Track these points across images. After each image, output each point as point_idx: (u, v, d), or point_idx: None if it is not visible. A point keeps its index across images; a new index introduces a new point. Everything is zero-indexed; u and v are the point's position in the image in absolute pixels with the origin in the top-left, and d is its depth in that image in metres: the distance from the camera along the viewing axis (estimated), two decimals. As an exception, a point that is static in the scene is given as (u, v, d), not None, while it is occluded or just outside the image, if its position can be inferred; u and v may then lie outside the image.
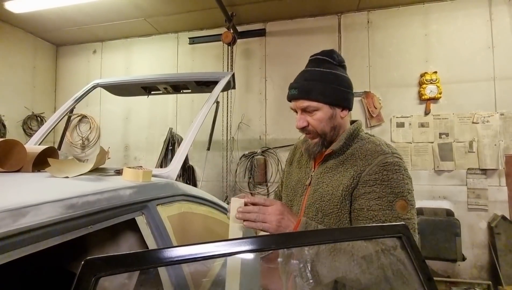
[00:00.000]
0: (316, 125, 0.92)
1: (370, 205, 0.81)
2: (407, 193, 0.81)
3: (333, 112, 0.92)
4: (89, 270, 0.34)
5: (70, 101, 1.74)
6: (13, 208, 0.47)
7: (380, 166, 0.83)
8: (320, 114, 0.91)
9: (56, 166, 0.89)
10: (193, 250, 0.36)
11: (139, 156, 3.91)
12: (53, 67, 4.31)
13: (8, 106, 3.63)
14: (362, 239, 0.52)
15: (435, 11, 3.11)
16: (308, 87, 0.91)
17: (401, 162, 0.85)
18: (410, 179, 0.85)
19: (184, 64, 3.82)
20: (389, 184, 0.81)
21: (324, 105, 0.90)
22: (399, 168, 0.83)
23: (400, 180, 0.81)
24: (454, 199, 2.93)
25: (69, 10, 3.27)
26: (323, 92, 0.89)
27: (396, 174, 0.82)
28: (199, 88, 1.93)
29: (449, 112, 3.00)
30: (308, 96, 0.90)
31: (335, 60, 0.94)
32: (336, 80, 0.91)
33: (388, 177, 0.81)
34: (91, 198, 0.65)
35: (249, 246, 0.40)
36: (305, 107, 0.91)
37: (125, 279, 0.84)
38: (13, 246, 0.46)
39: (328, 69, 0.92)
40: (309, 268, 0.73)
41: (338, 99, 0.91)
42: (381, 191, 0.81)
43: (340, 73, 0.93)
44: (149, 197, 0.87)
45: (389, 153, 0.86)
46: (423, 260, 0.48)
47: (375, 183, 0.82)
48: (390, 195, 0.80)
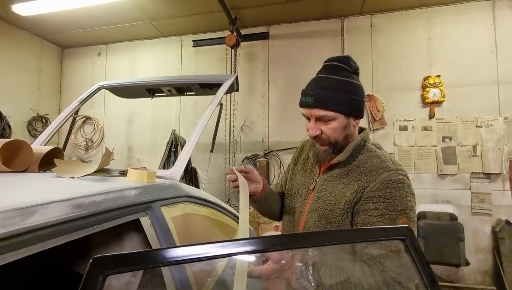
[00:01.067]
0: (330, 134, 0.91)
1: (373, 222, 0.82)
2: (409, 210, 0.83)
3: (347, 121, 0.91)
4: (97, 268, 0.35)
5: (75, 102, 1.75)
6: (22, 207, 0.48)
7: (384, 183, 0.84)
8: (335, 123, 0.89)
9: (62, 167, 0.90)
10: (199, 250, 0.36)
11: (142, 157, 3.93)
12: (59, 69, 4.37)
13: (14, 107, 3.68)
14: (366, 241, 0.52)
15: (438, 15, 3.11)
16: (325, 96, 0.88)
17: (405, 179, 0.85)
18: (413, 195, 0.86)
19: (188, 67, 3.84)
20: (392, 201, 0.82)
21: (340, 115, 0.89)
22: (402, 186, 0.83)
23: (403, 198, 0.82)
24: (457, 203, 2.91)
25: (75, 13, 3.31)
26: (340, 102, 0.88)
27: (399, 191, 0.83)
28: (202, 90, 1.94)
29: (452, 115, 2.99)
30: (326, 106, 0.88)
31: (351, 68, 0.93)
32: (352, 89, 0.90)
33: (391, 195, 0.82)
34: (97, 198, 0.66)
35: (254, 247, 0.41)
36: (321, 116, 0.89)
37: (129, 278, 0.85)
38: (22, 244, 0.46)
39: (345, 78, 0.90)
40: (311, 271, 0.73)
41: (353, 108, 0.90)
42: (384, 209, 0.82)
43: (355, 82, 0.92)
44: (153, 198, 0.88)
45: (393, 170, 0.86)
46: (426, 263, 0.48)
47: (379, 200, 0.83)
48: (392, 212, 0.81)
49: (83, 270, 0.97)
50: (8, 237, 0.44)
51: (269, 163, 3.43)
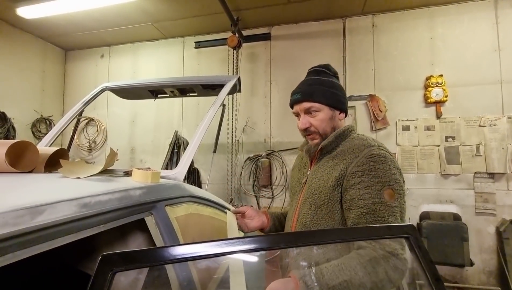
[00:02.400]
0: (318, 125, 1.01)
1: (360, 195, 0.86)
2: (394, 183, 0.86)
3: (333, 113, 1.02)
4: (106, 265, 0.36)
5: (79, 104, 1.77)
6: (30, 206, 0.49)
7: (367, 158, 0.89)
8: (321, 115, 1.01)
9: (67, 167, 0.91)
10: (205, 248, 0.37)
11: (145, 158, 3.94)
12: (62, 71, 4.40)
13: (18, 109, 3.71)
14: (370, 239, 0.52)
15: (440, 14, 3.10)
16: (311, 90, 1.02)
17: (387, 154, 0.90)
18: (398, 170, 0.89)
19: (190, 68, 3.86)
20: (376, 174, 0.86)
21: (325, 107, 1.01)
22: (385, 159, 0.88)
23: (386, 170, 0.86)
24: (461, 203, 2.89)
25: (78, 16, 3.34)
26: (324, 95, 1.00)
27: (382, 164, 0.87)
28: (205, 92, 1.95)
29: (455, 115, 2.98)
30: (312, 98, 1.01)
31: (331, 71, 1.08)
32: (334, 86, 1.04)
33: (375, 167, 0.87)
34: (103, 198, 0.67)
35: (259, 245, 0.41)
36: (308, 108, 1.01)
37: (135, 275, 0.86)
38: (31, 242, 0.47)
39: (326, 77, 1.05)
40: (314, 271, 0.73)
41: (336, 102, 1.02)
42: (369, 181, 0.86)
43: (335, 81, 1.06)
44: (157, 197, 0.89)
45: (374, 146, 0.93)
46: (430, 261, 0.48)
47: (363, 173, 0.87)
48: (377, 184, 0.85)
49: (89, 269, 0.98)
50: (18, 235, 0.45)
51: (271, 163, 3.43)
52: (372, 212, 0.83)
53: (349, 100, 3.28)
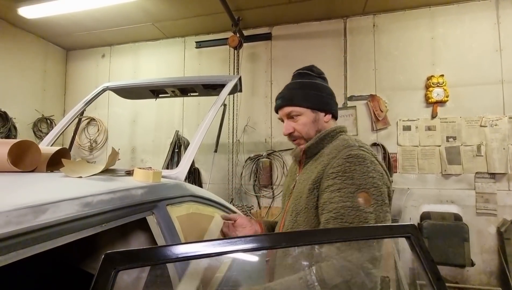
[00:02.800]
0: (301, 130, 0.98)
1: (331, 198, 0.79)
2: (371, 186, 0.78)
3: (315, 116, 0.98)
4: (109, 264, 0.36)
5: (80, 103, 1.77)
6: (33, 205, 0.49)
7: (344, 158, 0.83)
8: (303, 118, 0.98)
9: (69, 167, 0.91)
10: (209, 247, 0.37)
11: (146, 158, 3.95)
12: (63, 71, 4.41)
13: (19, 108, 3.72)
14: (370, 239, 0.52)
15: (441, 14, 3.10)
16: (290, 94, 1.00)
17: (368, 156, 0.83)
18: (379, 173, 0.81)
19: (191, 68, 3.87)
20: (352, 175, 0.79)
21: (307, 110, 0.98)
22: (363, 161, 0.81)
23: (363, 173, 0.79)
24: (462, 204, 2.89)
25: (79, 16, 3.35)
26: (304, 98, 0.97)
27: (360, 166, 0.80)
28: (206, 91, 1.95)
29: (456, 115, 2.98)
30: (291, 102, 0.99)
31: (314, 72, 1.03)
32: (316, 87, 1.00)
33: (350, 169, 0.80)
34: (105, 197, 0.67)
35: (262, 244, 0.42)
36: (289, 113, 0.99)
37: (137, 274, 0.86)
38: (34, 241, 0.48)
39: (308, 79, 1.01)
40: (314, 271, 0.73)
41: (318, 103, 0.98)
42: (342, 183, 0.80)
43: (319, 82, 1.02)
44: (159, 197, 0.89)
45: (354, 146, 0.87)
46: (432, 260, 0.48)
47: (337, 175, 0.81)
48: (351, 186, 0.78)
49: (91, 269, 0.98)
50: (22, 234, 0.45)
51: (272, 163, 3.44)
52: (340, 217, 0.75)
53: (350, 100, 3.29)
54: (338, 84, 3.31)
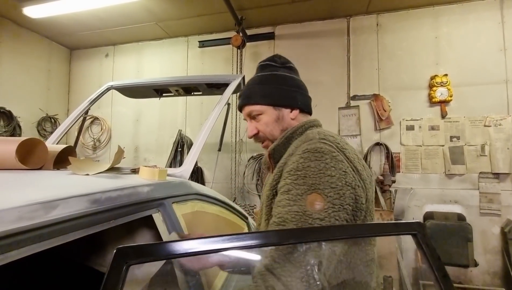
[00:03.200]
0: (264, 130, 0.87)
1: (279, 200, 0.68)
2: (328, 187, 0.63)
3: (278, 113, 0.86)
4: (121, 258, 0.37)
5: (85, 102, 1.79)
6: (44, 201, 0.50)
7: (299, 155, 0.70)
8: (265, 117, 0.86)
9: (76, 165, 0.93)
10: (219, 242, 0.38)
11: (149, 157, 3.97)
12: (67, 70, 4.44)
13: (24, 107, 3.75)
14: (377, 236, 0.53)
15: (445, 13, 3.09)
16: (248, 92, 0.89)
17: (328, 149, 0.68)
18: (340, 171, 0.65)
19: (194, 67, 3.88)
20: (304, 173, 0.65)
21: (268, 107, 0.86)
22: (321, 155, 0.66)
23: (319, 170, 0.64)
24: (465, 204, 2.88)
25: (83, 15, 3.37)
26: (263, 94, 0.86)
27: (315, 162, 0.66)
28: (210, 91, 1.97)
29: (460, 115, 2.97)
30: (250, 101, 0.88)
31: (276, 62, 0.91)
32: (277, 80, 0.87)
33: (303, 166, 0.67)
34: (113, 194, 0.68)
35: (272, 239, 0.42)
36: (249, 112, 0.88)
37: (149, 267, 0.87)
38: (45, 236, 0.48)
39: (269, 72, 0.89)
40: (316, 270, 0.73)
41: (280, 98, 0.86)
42: (292, 183, 0.67)
43: (282, 73, 0.89)
44: (165, 195, 0.90)
45: (314, 139, 0.73)
46: (438, 258, 0.48)
47: (289, 174, 0.69)
48: (301, 187, 0.65)
49: (96, 265, 0.99)
50: (34, 229, 0.46)
51: (274, 163, 3.44)
52: (283, 223, 0.64)
53: (353, 100, 3.28)
54: (341, 84, 3.31)
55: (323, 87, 3.36)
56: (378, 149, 3.16)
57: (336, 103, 3.31)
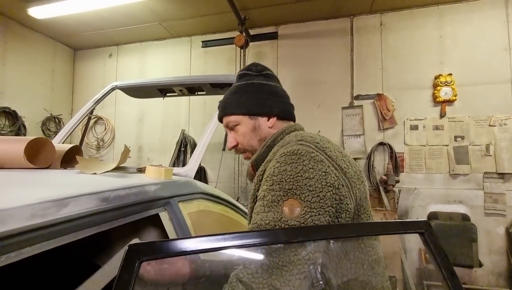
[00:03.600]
0: (242, 141, 0.86)
1: (255, 207, 0.65)
2: (305, 191, 0.59)
3: (254, 122, 0.84)
4: (134, 255, 0.37)
5: (90, 102, 1.80)
6: (56, 199, 0.51)
7: (275, 159, 0.67)
8: (241, 128, 0.85)
9: (83, 164, 0.94)
10: (232, 239, 0.38)
11: (152, 157, 3.99)
12: (71, 70, 4.47)
13: (29, 107, 3.78)
14: (384, 234, 0.53)
15: (449, 12, 3.07)
16: (224, 103, 0.88)
17: (306, 150, 0.64)
18: (320, 172, 0.61)
19: (197, 67, 3.89)
20: (280, 178, 0.62)
21: (243, 117, 0.85)
22: (297, 158, 0.62)
23: (297, 173, 0.61)
24: (470, 204, 2.86)
25: (87, 16, 3.39)
26: (238, 104, 0.84)
27: (292, 164, 0.62)
28: (213, 90, 1.97)
29: (464, 114, 2.95)
30: (226, 112, 0.87)
31: (252, 71, 0.90)
32: (252, 88, 0.86)
33: (279, 170, 0.63)
34: (121, 193, 0.69)
35: (279, 237, 0.42)
36: (227, 124, 0.88)
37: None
38: (57, 233, 0.49)
39: (245, 81, 0.88)
40: (319, 269, 0.72)
41: (255, 107, 0.84)
42: (267, 188, 0.63)
43: (258, 82, 0.87)
44: (171, 193, 0.91)
45: (292, 141, 0.70)
46: (446, 256, 0.49)
47: (266, 180, 0.65)
48: (277, 192, 0.61)
49: (103, 263, 1.00)
50: (46, 226, 0.47)
51: (277, 162, 3.44)
52: None
53: (356, 100, 3.27)
54: (345, 83, 3.30)
55: (326, 87, 3.36)
56: (382, 149, 3.16)
57: (339, 103, 3.31)
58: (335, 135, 3.30)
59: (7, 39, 3.55)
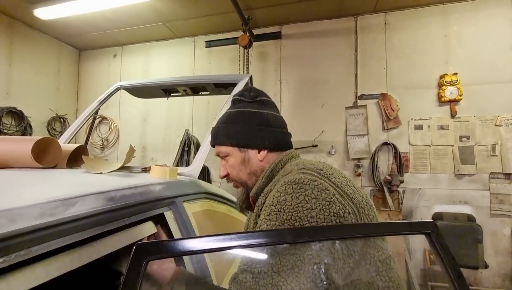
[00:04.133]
0: (231, 172, 0.83)
1: None
2: (306, 222, 0.56)
3: (244, 155, 0.80)
4: (141, 254, 0.38)
5: (95, 102, 1.82)
6: (64, 198, 0.52)
7: (276, 189, 0.64)
8: (231, 159, 0.81)
9: (89, 163, 0.94)
10: (238, 239, 0.38)
11: (156, 156, 4.01)
12: (76, 70, 4.51)
13: (34, 107, 3.82)
14: (390, 235, 0.53)
15: (455, 11, 3.04)
16: (216, 131, 0.84)
17: (309, 179, 0.60)
18: (323, 202, 0.58)
19: (201, 67, 3.90)
20: (279, 208, 0.59)
21: (233, 149, 0.80)
22: (300, 187, 0.59)
23: (297, 203, 0.57)
24: (475, 204, 2.84)
25: (92, 16, 3.42)
26: (228, 134, 0.80)
27: (293, 194, 0.59)
28: (217, 90, 1.98)
29: (470, 114, 2.92)
30: (216, 141, 0.84)
31: (246, 97, 0.84)
32: (243, 118, 0.80)
33: (278, 200, 0.60)
34: (127, 192, 0.69)
35: (285, 237, 0.42)
36: (218, 153, 0.85)
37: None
38: (65, 232, 0.50)
39: (237, 108, 0.83)
40: (323, 269, 0.72)
41: (245, 139, 0.79)
42: (264, 218, 0.60)
43: (250, 110, 0.81)
44: (176, 193, 0.91)
45: (293, 171, 0.67)
46: (452, 257, 0.48)
47: (264, 209, 0.63)
48: (273, 222, 0.58)
49: (109, 262, 1.00)
50: (55, 225, 0.47)
51: (281, 162, 3.43)
52: (250, 263, 0.57)
53: (360, 99, 3.26)
54: (349, 83, 3.29)
55: (330, 86, 3.35)
56: (386, 149, 3.14)
57: (343, 103, 3.29)
58: (338, 135, 3.29)
59: (13, 40, 3.59)
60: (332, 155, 3.27)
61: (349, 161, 3.23)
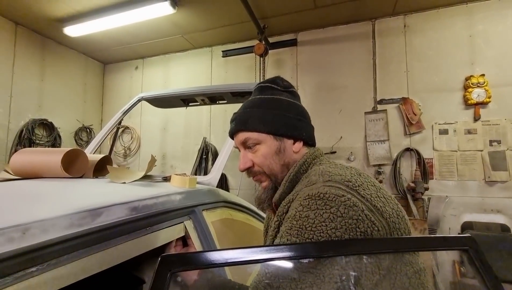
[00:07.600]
0: (261, 163, 0.74)
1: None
2: None
3: (280, 144, 0.73)
4: (165, 266, 0.38)
5: (118, 113, 1.89)
6: (91, 209, 0.53)
7: (298, 201, 0.59)
8: (263, 148, 0.73)
9: (114, 173, 0.98)
10: (262, 252, 0.37)
11: (175, 164, 4.09)
12: (101, 83, 4.74)
13: (63, 119, 4.05)
14: (423, 250, 0.49)
15: (480, 10, 2.91)
16: (245, 116, 0.75)
17: (335, 194, 0.56)
18: (350, 220, 0.53)
19: (218, 76, 3.97)
20: (300, 224, 0.55)
21: (267, 136, 0.73)
22: (325, 203, 0.55)
23: (320, 221, 0.53)
24: (510, 213, 2.64)
25: (116, 31, 3.60)
26: (264, 120, 0.73)
27: (316, 211, 0.55)
28: (234, 99, 2.00)
29: (500, 117, 2.75)
30: (246, 126, 0.74)
31: (279, 86, 0.79)
32: (279, 105, 0.75)
33: (300, 215, 0.56)
34: (149, 202, 0.70)
35: (308, 252, 0.41)
36: (244, 141, 0.75)
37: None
38: (92, 242, 0.51)
39: (271, 95, 0.77)
40: (353, 281, 0.69)
41: (284, 127, 0.73)
42: (285, 231, 0.57)
43: (284, 98, 0.77)
44: (195, 202, 0.92)
45: (318, 182, 0.61)
46: (495, 276, 0.44)
47: (286, 220, 0.59)
48: (295, 237, 0.54)
49: (132, 269, 1.02)
50: (83, 235, 0.49)
51: (299, 169, 3.39)
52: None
53: (380, 104, 3.17)
54: (367, 88, 3.21)
55: (348, 92, 3.29)
56: (409, 155, 3.02)
57: (362, 108, 3.22)
58: (358, 141, 3.21)
59: (45, 57, 3.84)
60: (351, 161, 3.19)
61: (369, 167, 3.13)
